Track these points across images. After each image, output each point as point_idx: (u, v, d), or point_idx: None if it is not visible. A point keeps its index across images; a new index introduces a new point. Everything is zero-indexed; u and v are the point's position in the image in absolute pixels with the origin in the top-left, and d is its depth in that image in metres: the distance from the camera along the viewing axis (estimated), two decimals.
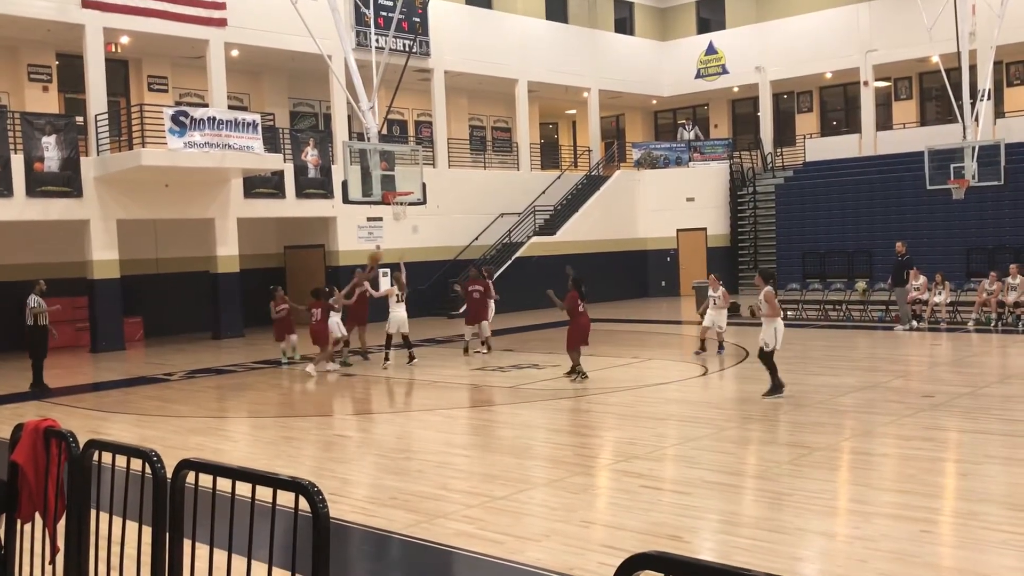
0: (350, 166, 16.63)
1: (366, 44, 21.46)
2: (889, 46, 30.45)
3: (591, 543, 6.51)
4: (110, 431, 11.47)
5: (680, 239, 32.33)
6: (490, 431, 11.21)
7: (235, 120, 20.51)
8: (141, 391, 15.00)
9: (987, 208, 26.07)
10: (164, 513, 3.62)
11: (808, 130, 34.60)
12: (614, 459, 9.26)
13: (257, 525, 3.40)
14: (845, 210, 29.25)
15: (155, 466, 3.71)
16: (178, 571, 3.58)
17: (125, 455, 3.91)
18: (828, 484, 7.98)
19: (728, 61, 34.29)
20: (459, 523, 7.04)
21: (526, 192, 29.79)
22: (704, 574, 2.12)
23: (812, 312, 22.13)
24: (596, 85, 33.12)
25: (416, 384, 14.76)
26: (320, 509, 2.93)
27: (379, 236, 25.99)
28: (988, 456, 8.69)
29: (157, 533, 3.65)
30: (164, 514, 3.62)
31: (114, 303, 21.17)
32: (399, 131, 30.09)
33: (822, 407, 11.33)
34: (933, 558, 6.02)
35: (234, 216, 22.88)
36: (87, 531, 4.17)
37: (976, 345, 17.34)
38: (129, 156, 20.22)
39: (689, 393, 13.22)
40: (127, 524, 3.97)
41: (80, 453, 4.17)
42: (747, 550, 6.21)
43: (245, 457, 9.92)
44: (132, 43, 22.78)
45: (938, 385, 12.67)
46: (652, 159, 33.04)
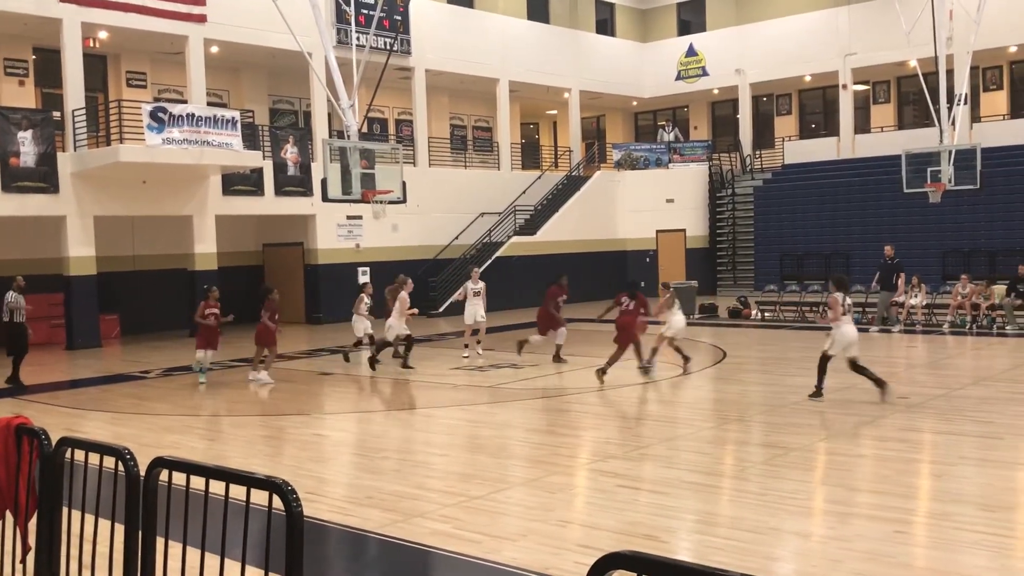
0: (330, 164, 16.57)
1: (347, 42, 21.42)
2: (868, 50, 30.67)
3: (568, 542, 6.51)
4: (85, 429, 11.38)
5: (659, 240, 32.43)
6: (468, 431, 11.20)
7: (214, 117, 20.40)
8: (117, 389, 14.89)
9: (963, 212, 26.30)
10: (137, 511, 3.59)
11: (787, 132, 34.79)
12: (591, 459, 9.28)
13: (231, 524, 3.38)
14: (823, 212, 29.45)
15: (128, 464, 3.68)
16: (151, 570, 3.56)
17: (98, 453, 3.88)
18: (804, 484, 8.03)
19: (708, 63, 34.44)
20: (436, 522, 7.03)
21: (506, 192, 29.80)
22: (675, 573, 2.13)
23: (789, 313, 22.24)
24: (577, 86, 33.17)
25: (395, 384, 14.73)
26: (294, 508, 2.91)
27: (358, 235, 25.94)
28: (962, 457, 8.77)
29: (130, 531, 3.62)
30: (137, 512, 3.60)
31: (90, 300, 21.00)
32: (379, 129, 30.03)
33: (798, 408, 11.39)
34: (907, 558, 6.07)
35: (212, 213, 22.75)
36: (59, 529, 4.13)
37: (951, 347, 17.49)
38: (107, 152, 20.07)
39: (666, 393, 13.26)
40: (100, 522, 3.93)
41: (52, 451, 4.13)
42: (723, 550, 6.23)
43: (221, 455, 9.86)
44: (110, 38, 22.62)
45: (913, 387, 12.77)
46: (632, 160, 33.13)
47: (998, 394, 11.95)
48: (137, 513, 3.60)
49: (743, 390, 13.19)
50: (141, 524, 3.59)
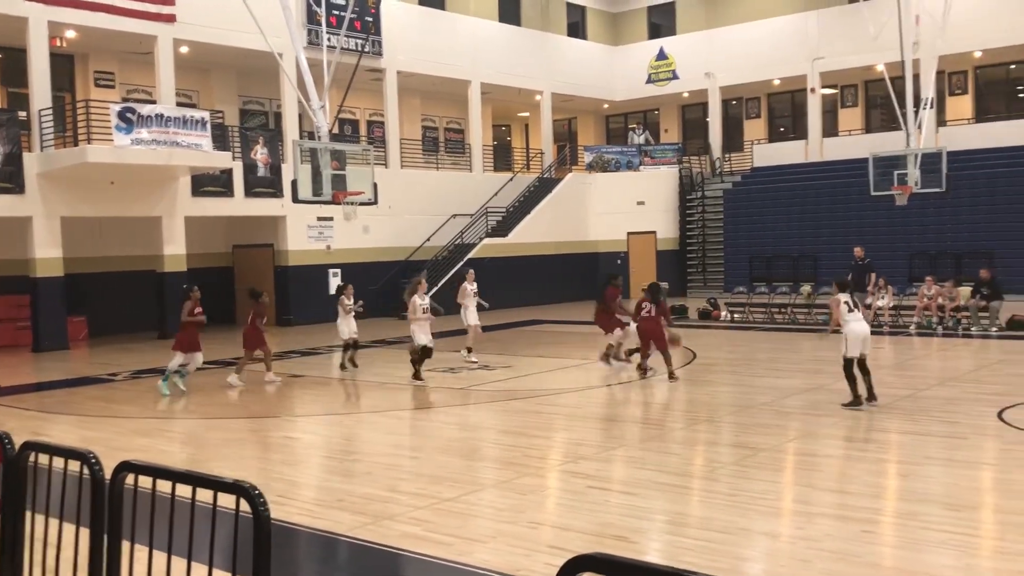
0: (300, 165, 16.48)
1: (317, 43, 21.31)
2: (836, 54, 30.98)
3: (539, 544, 6.52)
4: (52, 432, 11.25)
5: (630, 242, 32.56)
6: (439, 433, 11.18)
7: (183, 117, 20.24)
8: (85, 391, 14.73)
9: (929, 214, 26.62)
10: (102, 516, 3.56)
11: (756, 136, 35.05)
12: (562, 460, 9.29)
13: (198, 527, 3.35)
14: (791, 215, 29.70)
15: (93, 468, 3.64)
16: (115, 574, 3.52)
17: (63, 457, 3.84)
18: (773, 485, 8.09)
19: (678, 67, 34.64)
20: (406, 525, 7.01)
21: (478, 193, 29.80)
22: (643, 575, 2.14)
23: (758, 315, 22.40)
24: (549, 88, 33.25)
25: (366, 386, 14.68)
26: (261, 512, 2.90)
27: (329, 236, 25.83)
28: (928, 457, 8.87)
29: (95, 536, 3.59)
30: (102, 517, 3.56)
31: (57, 302, 20.76)
32: (351, 131, 29.92)
33: (767, 409, 11.47)
34: (874, 558, 6.13)
35: (181, 214, 22.57)
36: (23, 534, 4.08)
37: (918, 348, 17.69)
38: (74, 152, 19.86)
39: (637, 394, 13.31)
40: (65, 527, 3.89)
41: (16, 454, 4.08)
42: (692, 550, 6.27)
43: (191, 459, 9.78)
44: (78, 37, 22.37)
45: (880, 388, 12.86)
46: (603, 162, 33.24)
47: (963, 395, 12.10)
48: (103, 517, 3.56)
49: (713, 391, 13.26)
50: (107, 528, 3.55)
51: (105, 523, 3.54)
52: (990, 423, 10.19)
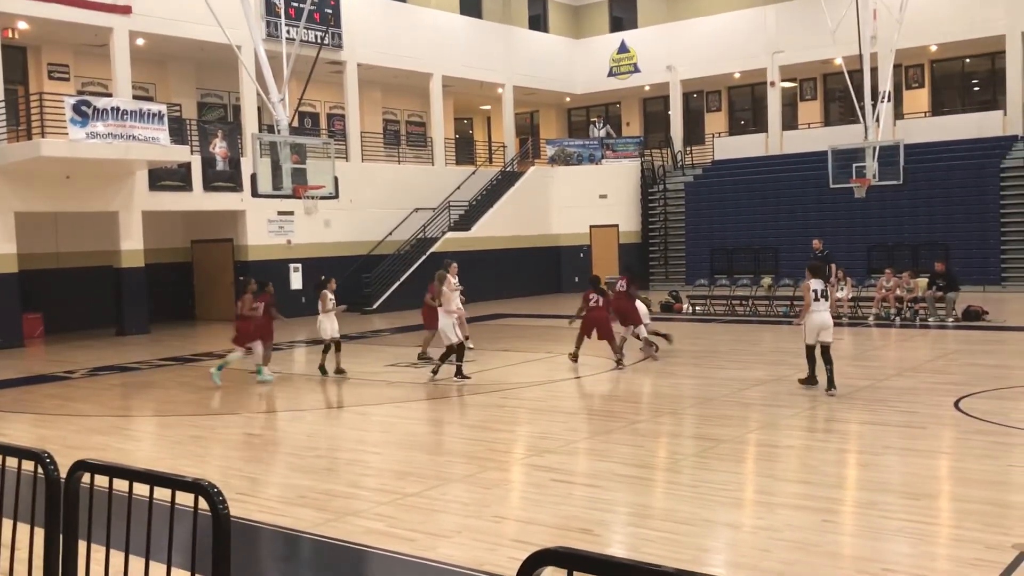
0: (260, 159, 16.30)
1: (276, 35, 21.11)
2: (795, 48, 31.26)
3: (503, 538, 6.52)
4: (7, 432, 11.04)
5: (593, 235, 32.65)
6: (403, 428, 11.14)
7: (140, 111, 19.95)
8: (41, 389, 14.48)
9: (887, 207, 26.97)
10: (58, 516, 3.49)
11: (717, 129, 35.29)
12: (526, 453, 9.30)
13: (157, 527, 3.30)
14: (752, 208, 29.95)
15: (48, 468, 3.57)
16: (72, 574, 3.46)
17: (16, 456, 3.76)
18: (734, 475, 8.15)
19: (639, 60, 34.77)
20: (370, 521, 6.97)
21: (441, 187, 29.71)
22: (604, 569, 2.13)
23: (720, 307, 22.56)
24: (510, 81, 33.22)
25: (328, 381, 14.57)
26: (220, 510, 2.86)
27: (290, 231, 25.63)
28: (886, 447, 8.98)
29: (50, 536, 3.52)
30: (58, 516, 3.50)
31: (12, 298, 20.38)
32: (311, 124, 29.69)
33: (729, 400, 11.56)
34: (834, 547, 6.19)
35: (139, 209, 22.26)
36: None
37: (876, 339, 17.92)
38: (28, 146, 19.48)
39: (600, 387, 13.36)
40: (19, 527, 3.82)
41: None
42: (655, 542, 6.30)
43: (150, 457, 9.66)
44: (31, 29, 21.96)
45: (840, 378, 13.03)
46: (566, 156, 33.29)
47: (921, 384, 12.28)
48: (58, 517, 3.49)
49: (675, 383, 13.35)
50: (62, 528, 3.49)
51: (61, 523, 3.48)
52: (947, 412, 10.35)
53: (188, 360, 17.47)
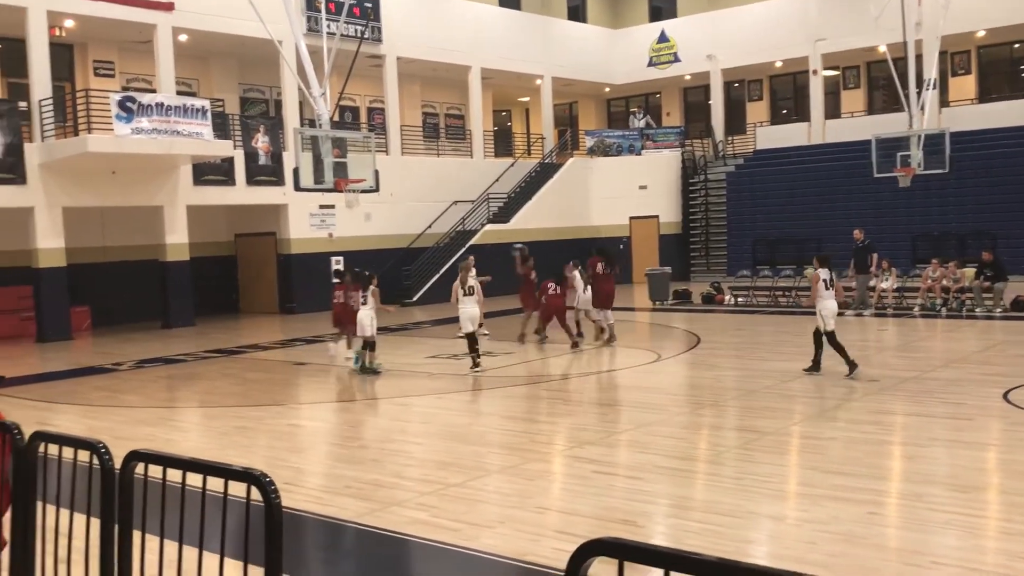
0: (301, 153, 16.46)
1: (317, 29, 21.24)
2: (837, 35, 30.84)
3: (545, 529, 6.54)
4: (57, 422, 11.28)
5: (633, 226, 32.51)
6: (444, 419, 11.20)
7: (184, 106, 20.20)
8: (89, 381, 14.76)
9: (932, 196, 26.56)
10: (112, 505, 3.57)
11: (758, 118, 34.96)
12: (568, 445, 9.31)
13: (209, 516, 3.36)
14: (794, 197, 29.64)
15: (103, 458, 3.65)
16: (127, 563, 3.53)
17: (72, 447, 3.85)
18: (777, 468, 8.10)
19: (680, 49, 34.51)
20: (413, 511, 7.03)
21: (480, 180, 29.75)
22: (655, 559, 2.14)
23: (762, 298, 22.39)
24: (549, 72, 33.13)
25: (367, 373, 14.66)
26: (272, 499, 2.90)
27: (331, 224, 25.82)
28: (933, 439, 8.88)
29: (106, 525, 3.60)
30: (112, 506, 3.57)
31: (60, 292, 20.77)
32: (351, 118, 29.86)
33: (771, 392, 11.48)
34: (880, 539, 6.14)
35: (183, 203, 22.56)
36: (33, 524, 4.10)
37: (922, 330, 17.69)
38: (75, 142, 19.82)
39: (641, 379, 13.32)
40: (75, 517, 3.91)
41: (25, 445, 4.09)
42: (698, 534, 6.28)
43: (196, 448, 9.81)
44: (77, 27, 22.31)
45: (885, 369, 12.91)
46: (605, 147, 33.16)
47: (968, 376, 12.10)
48: (113, 507, 3.57)
49: (717, 375, 13.28)
50: (117, 518, 3.56)
51: (115, 512, 3.55)
52: (995, 404, 10.20)
53: (233, 352, 17.69)
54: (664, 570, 2.13)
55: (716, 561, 2.04)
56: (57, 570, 4.09)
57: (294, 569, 5.72)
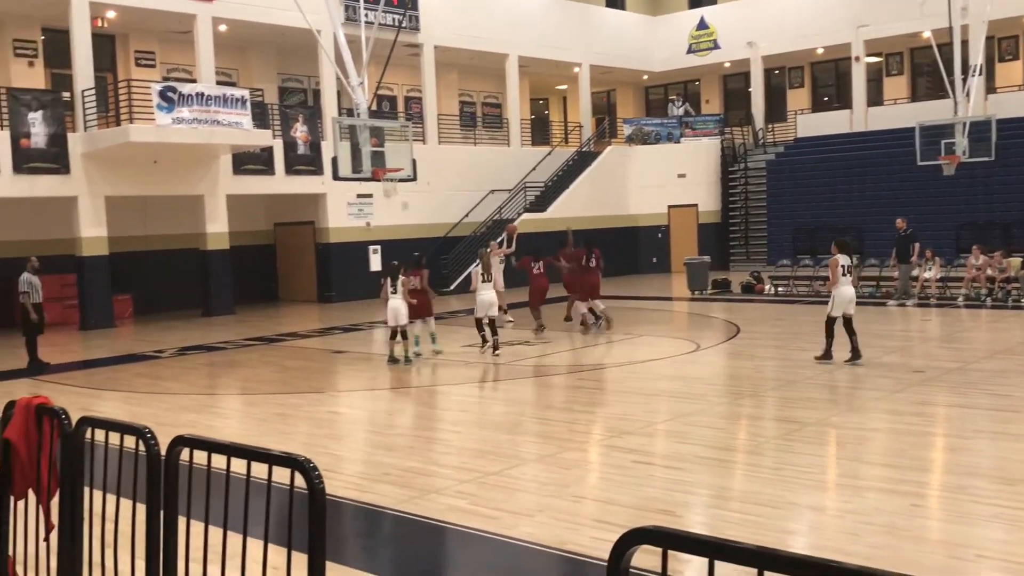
0: (340, 142, 16.53)
1: (355, 19, 21.28)
2: (880, 21, 30.36)
3: (584, 518, 6.53)
4: (101, 408, 11.46)
5: (671, 215, 32.31)
6: (481, 407, 11.23)
7: (223, 96, 20.37)
8: (131, 368, 14.96)
9: (977, 184, 26.11)
10: (158, 490, 3.61)
11: (799, 106, 34.56)
12: (606, 435, 9.29)
13: (252, 502, 3.39)
14: (836, 186, 29.28)
15: (149, 443, 3.69)
16: (172, 548, 3.58)
17: (118, 432, 3.90)
18: (818, 458, 8.03)
19: (719, 36, 34.17)
20: (452, 499, 7.05)
21: (517, 168, 29.70)
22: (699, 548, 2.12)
23: (803, 288, 22.17)
24: (587, 60, 32.96)
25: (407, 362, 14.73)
26: (316, 485, 2.92)
27: (369, 213, 25.94)
28: (977, 430, 8.74)
29: (151, 510, 3.64)
30: (158, 491, 3.61)
31: (103, 280, 21.08)
32: (389, 107, 29.94)
33: (812, 383, 11.37)
34: (923, 531, 6.06)
35: (223, 193, 22.77)
36: (80, 508, 4.16)
37: (966, 320, 17.42)
38: (117, 132, 20.07)
39: (680, 369, 13.25)
40: (121, 501, 3.96)
41: (73, 430, 4.16)
42: (738, 524, 6.24)
43: (237, 434, 9.91)
44: (118, 17, 22.56)
45: (928, 360, 12.74)
46: (643, 135, 32.96)
47: (1014, 367, 11.90)
48: (158, 492, 3.61)
49: (757, 365, 13.17)
50: (162, 503, 3.60)
51: (161, 497, 3.59)
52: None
53: (272, 340, 17.86)
54: (708, 559, 2.12)
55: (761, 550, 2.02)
56: (104, 554, 4.16)
57: (334, 555, 5.74)
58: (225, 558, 3.45)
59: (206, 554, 3.54)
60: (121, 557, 4.33)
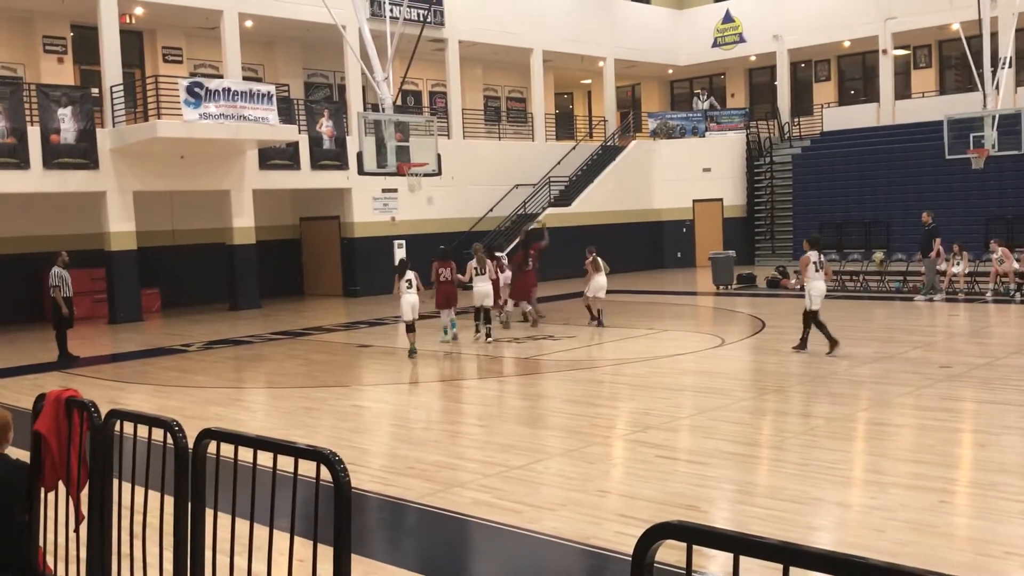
0: (365, 137, 16.58)
1: (380, 14, 21.34)
2: (908, 13, 30.06)
3: (607, 512, 6.54)
4: (129, 401, 11.57)
5: (696, 210, 32.18)
6: (505, 402, 11.25)
7: (250, 91, 20.49)
8: (159, 362, 15.10)
9: (1007, 178, 25.81)
10: (186, 482, 3.65)
11: (826, 99, 34.28)
12: (629, 429, 9.28)
13: (278, 495, 3.42)
14: (863, 180, 29.03)
15: (176, 436, 3.73)
16: (200, 540, 3.62)
17: (146, 425, 3.94)
18: (844, 454, 7.98)
19: (745, 29, 33.95)
20: (476, 492, 7.08)
21: (541, 163, 29.67)
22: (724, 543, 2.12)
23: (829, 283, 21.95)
24: (611, 54, 32.86)
25: (430, 356, 14.80)
26: (342, 478, 2.94)
27: (394, 208, 26.01)
28: (1006, 427, 8.66)
29: (179, 502, 3.69)
30: (186, 483, 3.65)
31: (131, 274, 21.28)
32: (413, 102, 29.99)
33: (838, 378, 11.30)
34: (950, 528, 6.02)
35: (249, 187, 22.91)
36: (110, 500, 4.21)
37: (994, 315, 17.24)
38: (145, 128, 20.25)
39: (704, 364, 13.21)
40: (149, 493, 4.01)
41: (102, 423, 4.21)
42: (763, 519, 6.22)
43: (263, 427, 9.99)
44: (146, 14, 22.74)
45: (955, 356, 12.63)
46: (668, 129, 32.83)
47: None
48: (186, 484, 3.65)
49: (782, 360, 13.10)
50: (190, 495, 3.64)
51: (188, 490, 3.63)
52: None
53: (298, 334, 17.96)
54: (734, 555, 2.12)
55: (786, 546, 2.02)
56: (132, 545, 4.21)
57: (359, 548, 5.79)
58: (252, 550, 3.48)
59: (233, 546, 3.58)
60: (149, 548, 4.39)
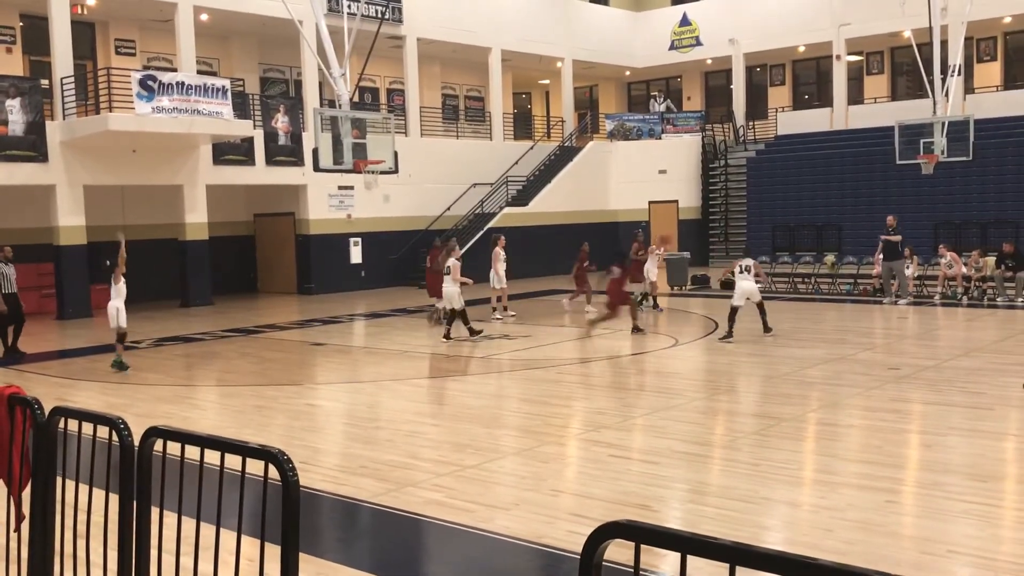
0: (321, 133, 16.46)
1: (338, 9, 21.22)
2: (862, 20, 30.54)
3: (560, 512, 6.55)
4: (76, 399, 11.37)
5: (652, 211, 32.39)
6: (460, 401, 11.22)
7: (204, 85, 20.24)
8: (108, 358, 14.82)
9: (955, 183, 26.32)
10: (131, 481, 3.59)
11: (780, 103, 34.70)
12: (583, 429, 9.31)
13: (226, 493, 3.38)
14: (816, 184, 29.44)
15: (122, 434, 3.66)
16: (145, 539, 3.56)
17: (91, 422, 3.87)
18: (794, 454, 8.08)
19: (702, 33, 34.26)
20: (429, 492, 7.05)
21: (499, 162, 29.68)
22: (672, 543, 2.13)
23: (781, 285, 22.27)
24: (570, 55, 32.97)
25: (386, 354, 14.74)
26: (290, 477, 2.91)
27: (350, 205, 25.86)
28: (951, 427, 8.82)
29: (124, 501, 3.62)
30: (131, 482, 3.59)
31: (80, 270, 20.92)
32: (371, 99, 29.84)
33: (789, 379, 11.44)
34: (897, 527, 6.11)
35: (203, 183, 22.63)
36: (53, 499, 4.13)
37: (941, 318, 17.56)
38: (96, 121, 19.90)
39: (658, 364, 13.30)
40: (94, 492, 3.93)
41: (45, 420, 4.12)
42: (714, 519, 6.27)
43: (214, 426, 9.87)
44: (99, 5, 22.37)
45: (904, 358, 12.84)
46: (625, 131, 33.02)
47: (988, 365, 12.01)
48: (131, 483, 3.59)
49: (734, 361, 13.23)
50: (136, 493, 3.58)
51: (134, 488, 3.57)
52: (1016, 394, 10.11)
53: (251, 332, 17.78)
54: (681, 554, 2.13)
55: (733, 545, 2.03)
56: (76, 545, 4.13)
57: (311, 548, 5.75)
58: (198, 550, 3.43)
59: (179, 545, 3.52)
60: (94, 548, 4.31)
